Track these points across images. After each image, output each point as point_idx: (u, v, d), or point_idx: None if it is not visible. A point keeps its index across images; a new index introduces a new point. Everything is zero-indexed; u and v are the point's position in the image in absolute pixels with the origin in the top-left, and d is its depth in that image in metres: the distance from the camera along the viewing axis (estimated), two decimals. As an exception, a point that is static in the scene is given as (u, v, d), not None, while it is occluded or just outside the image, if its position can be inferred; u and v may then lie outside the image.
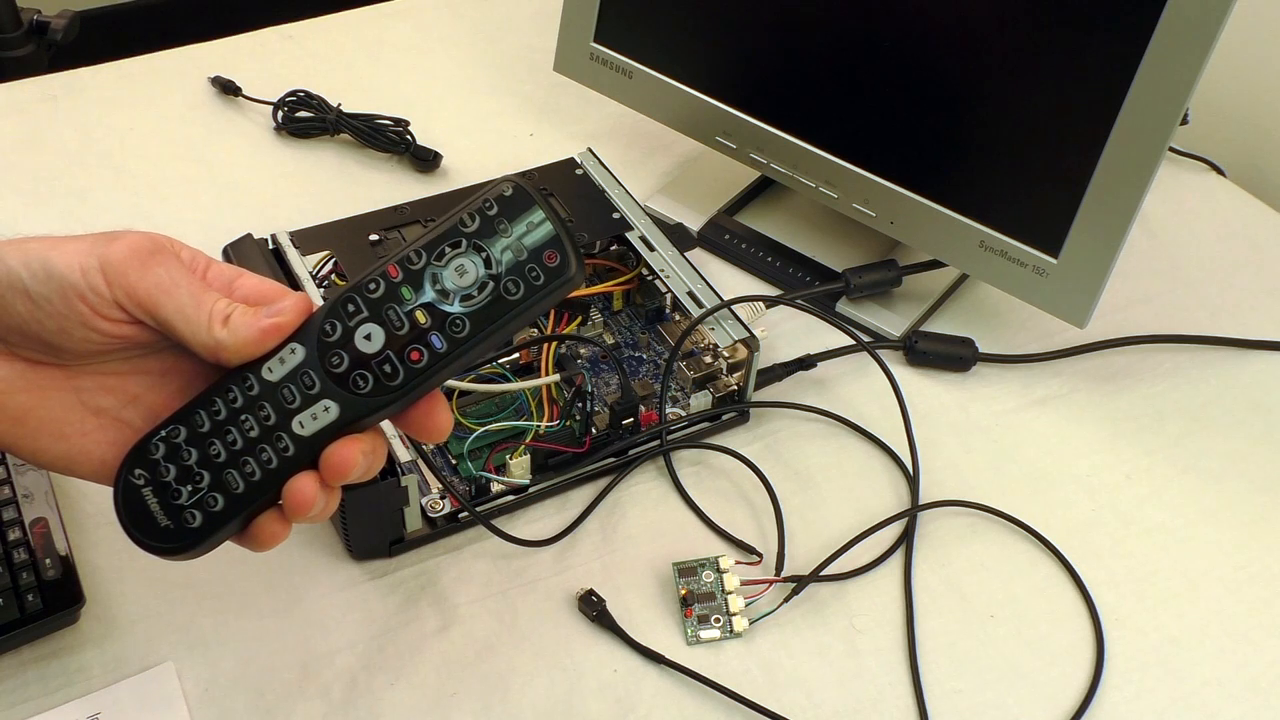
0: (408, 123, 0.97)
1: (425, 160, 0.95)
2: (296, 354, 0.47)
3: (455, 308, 0.46)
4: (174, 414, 0.48)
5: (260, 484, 0.47)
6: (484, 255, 0.46)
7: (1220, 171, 1.02)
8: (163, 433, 0.48)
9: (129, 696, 0.62)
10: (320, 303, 0.54)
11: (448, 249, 0.47)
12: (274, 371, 0.47)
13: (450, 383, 0.71)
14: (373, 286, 0.47)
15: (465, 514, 0.69)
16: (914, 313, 0.85)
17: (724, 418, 0.77)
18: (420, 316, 0.47)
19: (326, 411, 0.47)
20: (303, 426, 0.47)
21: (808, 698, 0.64)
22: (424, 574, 0.68)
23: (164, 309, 0.46)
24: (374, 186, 0.94)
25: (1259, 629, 0.69)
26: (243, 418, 0.47)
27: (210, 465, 0.48)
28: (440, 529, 0.69)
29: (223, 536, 0.48)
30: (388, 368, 0.47)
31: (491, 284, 0.46)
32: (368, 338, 0.47)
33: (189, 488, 0.48)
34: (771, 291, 0.87)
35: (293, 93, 0.99)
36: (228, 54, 1.06)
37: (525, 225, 0.46)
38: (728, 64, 0.87)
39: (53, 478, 0.69)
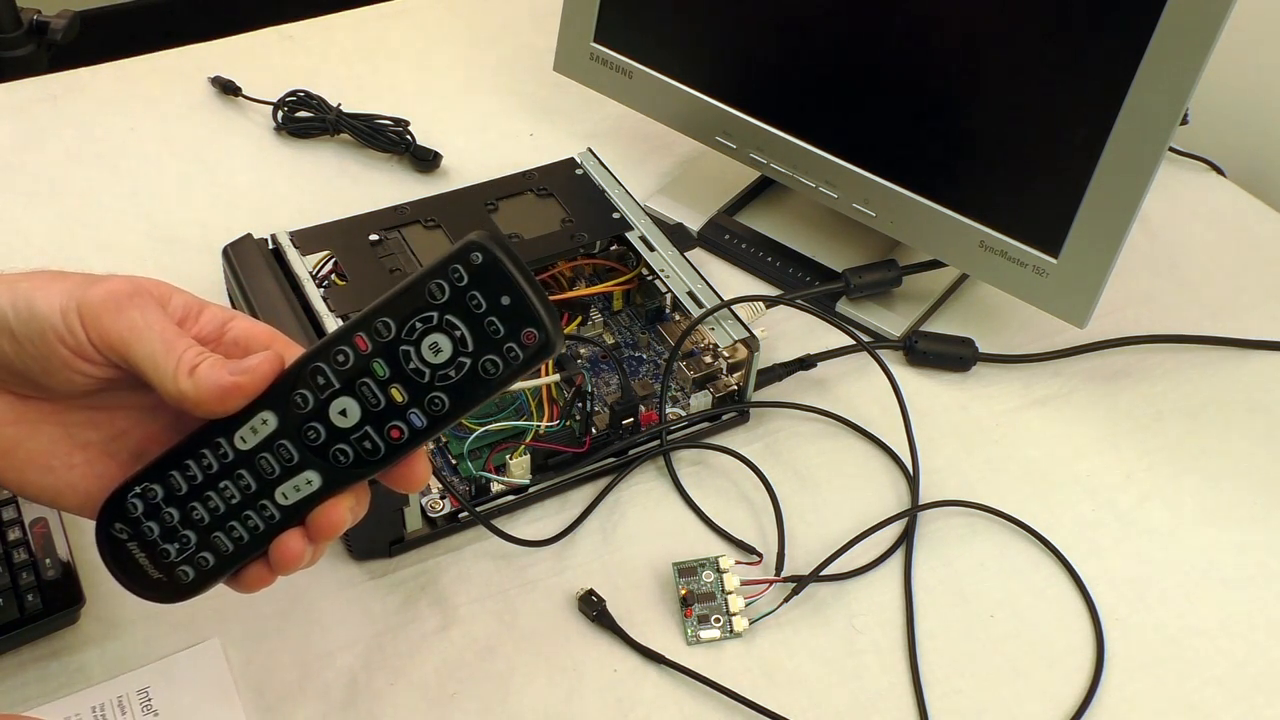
0: (408, 123, 0.97)
1: (425, 160, 0.95)
2: (269, 424, 0.46)
3: (431, 386, 0.45)
4: (145, 470, 0.48)
5: (249, 544, 0.47)
6: (457, 334, 0.44)
7: (1220, 171, 1.02)
8: (137, 489, 0.48)
9: (177, 670, 0.63)
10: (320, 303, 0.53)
11: (419, 324, 0.44)
12: (247, 441, 0.47)
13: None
14: (341, 358, 0.45)
15: (465, 514, 0.69)
16: (914, 313, 0.85)
17: (724, 418, 0.77)
18: (396, 394, 0.45)
19: (309, 484, 0.47)
20: (286, 497, 0.47)
21: (808, 698, 0.64)
22: (424, 574, 0.68)
23: (134, 354, 0.46)
24: (374, 186, 0.94)
25: (1259, 629, 0.69)
26: (222, 484, 0.47)
27: (195, 527, 0.47)
28: (440, 529, 0.69)
29: (215, 584, 0.49)
30: (368, 444, 0.46)
31: (468, 362, 0.44)
32: (343, 412, 0.46)
33: (176, 546, 0.48)
34: (771, 291, 0.87)
35: (293, 93, 0.99)
36: (228, 54, 1.06)
37: (499, 300, 0.43)
38: (728, 64, 0.87)
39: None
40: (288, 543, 0.47)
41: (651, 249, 0.80)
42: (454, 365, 0.44)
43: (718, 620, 0.67)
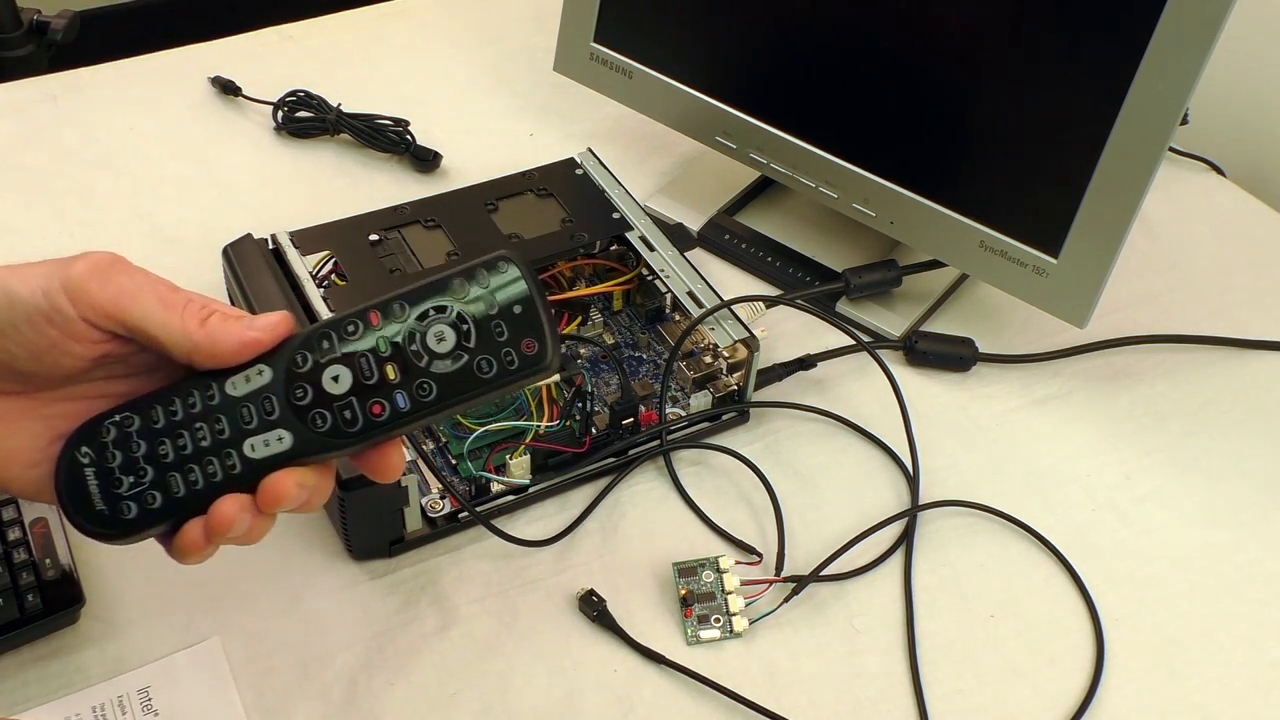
0: (408, 123, 0.97)
1: (425, 160, 0.95)
2: (263, 375, 0.47)
3: (425, 372, 0.46)
4: (131, 401, 0.48)
5: (201, 493, 0.47)
6: (464, 328, 0.46)
7: (1220, 171, 1.02)
8: (116, 417, 0.48)
9: (177, 670, 0.63)
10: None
11: (432, 311, 0.46)
12: (238, 388, 0.47)
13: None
14: (351, 328, 0.47)
15: (465, 514, 0.69)
16: (914, 313, 0.85)
17: (724, 418, 0.77)
18: (390, 372, 0.46)
19: (280, 441, 0.47)
20: (254, 450, 0.47)
21: (808, 698, 0.64)
22: (424, 574, 0.69)
23: (131, 314, 0.46)
24: (374, 186, 0.94)
25: (1259, 629, 0.69)
26: (198, 425, 0.47)
27: (156, 463, 0.48)
28: (440, 529, 0.69)
29: (151, 533, 0.48)
30: (348, 413, 0.47)
31: (466, 357, 0.46)
32: (335, 379, 0.47)
33: (131, 479, 0.48)
34: (771, 291, 0.87)
35: (293, 93, 0.99)
36: (228, 54, 1.06)
37: (512, 307, 0.46)
38: (728, 64, 0.87)
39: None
40: (223, 506, 0.46)
41: (651, 249, 0.80)
42: (452, 356, 0.46)
43: (718, 620, 0.67)
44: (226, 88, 1.01)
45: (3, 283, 0.46)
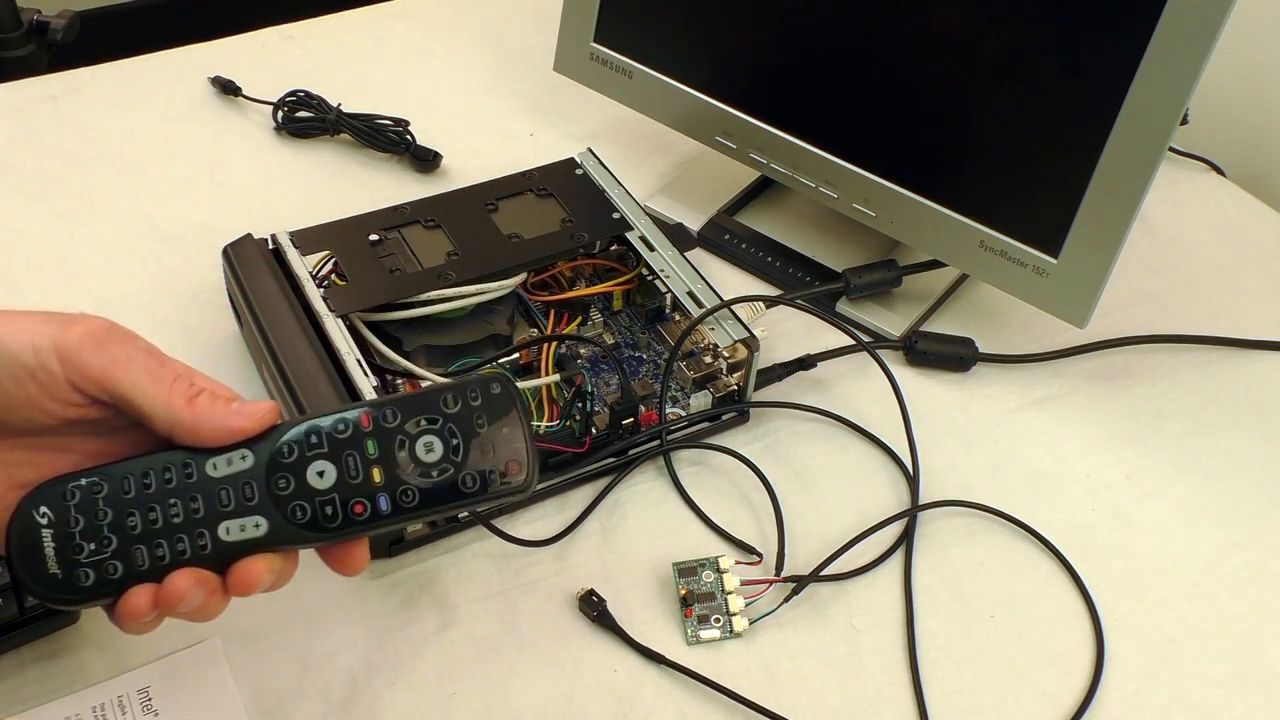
0: (408, 123, 0.97)
1: (425, 160, 0.95)
2: (246, 460, 0.48)
3: (410, 479, 0.48)
4: (99, 467, 0.48)
5: (164, 568, 0.47)
6: (454, 443, 0.48)
7: (1220, 171, 1.02)
8: (83, 481, 0.47)
9: (178, 670, 0.63)
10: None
11: (424, 421, 0.48)
12: (218, 469, 0.48)
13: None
14: (341, 428, 0.48)
15: (465, 514, 0.69)
16: (914, 313, 0.85)
17: (724, 418, 0.77)
18: (376, 475, 0.48)
19: (257, 528, 0.47)
20: (228, 533, 0.47)
21: (808, 698, 0.64)
22: (424, 574, 0.68)
23: (120, 384, 0.46)
24: (374, 186, 0.94)
25: (1259, 629, 0.69)
26: (171, 501, 0.47)
27: (121, 533, 0.47)
28: (440, 529, 0.69)
29: (101, 603, 0.48)
30: (329, 509, 0.48)
31: (451, 471, 0.48)
32: (320, 474, 0.48)
33: (92, 545, 0.47)
34: (771, 291, 0.87)
35: (293, 93, 0.99)
36: (228, 54, 1.06)
37: (501, 428, 0.48)
38: (728, 64, 0.87)
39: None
40: (178, 580, 0.46)
41: (651, 249, 0.80)
42: (438, 469, 0.48)
43: (718, 620, 0.67)
44: (226, 88, 1.01)
45: None
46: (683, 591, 0.67)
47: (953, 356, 0.82)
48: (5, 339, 0.45)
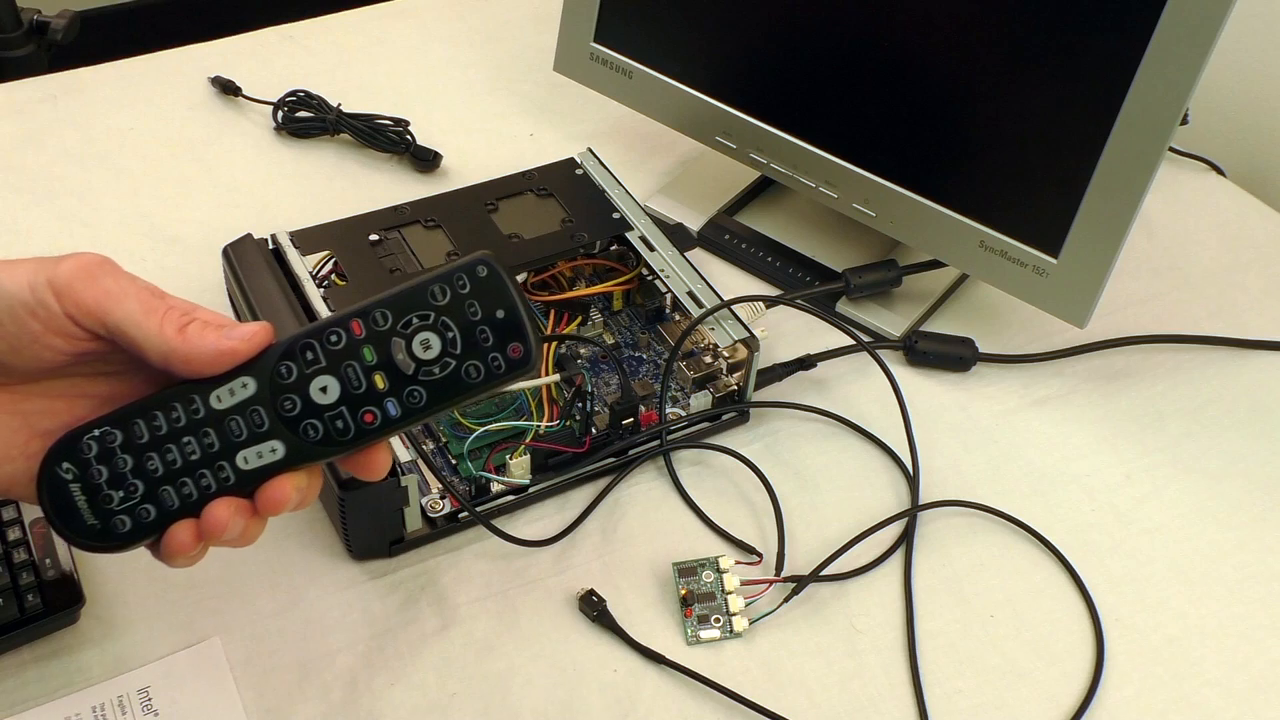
0: (408, 123, 0.97)
1: (425, 160, 0.95)
2: (248, 388, 0.47)
3: (414, 379, 0.47)
4: (108, 415, 0.48)
5: (196, 504, 0.48)
6: (449, 335, 0.47)
7: (1220, 171, 1.02)
8: (96, 433, 0.48)
9: (177, 670, 0.63)
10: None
11: (415, 319, 0.47)
12: (222, 401, 0.47)
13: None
14: (334, 338, 0.47)
15: (465, 514, 0.69)
16: (914, 313, 0.85)
17: (724, 418, 0.77)
18: (378, 381, 0.47)
19: (274, 452, 0.47)
20: (247, 462, 0.47)
21: (808, 698, 0.64)
22: (424, 574, 0.69)
23: (113, 315, 0.46)
24: (374, 186, 0.94)
25: (1259, 629, 0.69)
26: (185, 439, 0.47)
27: (146, 477, 0.47)
28: (440, 529, 0.69)
29: (145, 542, 0.49)
30: (340, 423, 0.47)
31: (453, 364, 0.47)
32: (323, 389, 0.47)
33: (120, 494, 0.48)
34: (771, 291, 0.87)
35: (293, 93, 0.99)
36: (228, 54, 1.06)
37: (494, 312, 0.47)
38: (728, 64, 0.87)
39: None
40: (218, 509, 0.47)
41: (651, 249, 0.80)
42: (439, 363, 0.47)
43: (718, 620, 0.67)
44: (226, 88, 1.01)
45: None
46: (683, 591, 0.67)
47: (953, 356, 0.82)
48: (2, 280, 0.46)
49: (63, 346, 0.47)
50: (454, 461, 0.72)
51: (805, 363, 0.80)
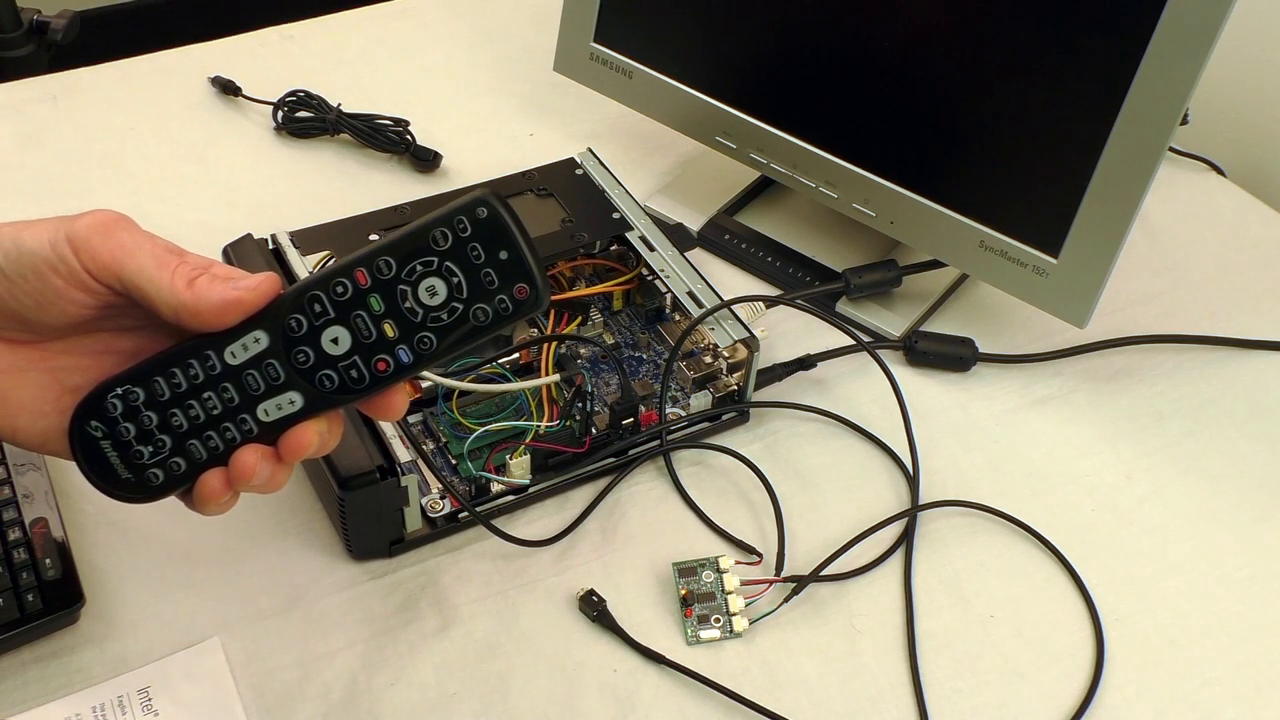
0: (408, 123, 0.97)
1: (425, 160, 0.95)
2: (260, 342, 0.48)
3: (423, 326, 0.47)
4: (127, 372, 0.49)
5: (223, 454, 0.49)
6: (455, 280, 0.47)
7: (1220, 171, 1.02)
8: (119, 390, 0.49)
9: (177, 671, 0.63)
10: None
11: (419, 266, 0.47)
12: (237, 356, 0.48)
13: (450, 383, 0.71)
14: (340, 289, 0.47)
15: (465, 514, 0.69)
16: (914, 313, 0.85)
17: (724, 418, 0.77)
18: (388, 329, 0.47)
19: (292, 404, 0.49)
20: (267, 414, 0.49)
21: (808, 698, 0.64)
22: (424, 574, 0.68)
23: (126, 269, 0.47)
24: (374, 186, 0.94)
25: (1259, 629, 0.69)
26: (205, 395, 0.49)
27: (172, 432, 0.49)
28: (440, 529, 0.69)
29: (179, 490, 0.50)
30: (354, 373, 0.48)
31: (461, 308, 0.47)
32: (334, 340, 0.48)
33: (149, 449, 0.49)
34: (771, 291, 0.87)
35: (293, 93, 0.99)
36: (228, 54, 1.06)
37: (498, 253, 0.46)
38: (728, 64, 0.87)
39: (52, 477, 0.69)
40: (245, 455, 0.49)
41: (651, 249, 0.80)
42: (447, 309, 0.47)
43: (718, 620, 0.67)
44: (226, 88, 1.01)
45: (13, 234, 0.48)
46: (683, 591, 0.67)
47: (953, 356, 0.82)
48: (24, 239, 0.47)
49: (85, 300, 0.48)
50: (454, 461, 0.72)
51: (805, 363, 0.80)
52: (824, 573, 0.69)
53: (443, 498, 0.68)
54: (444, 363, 0.47)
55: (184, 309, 0.47)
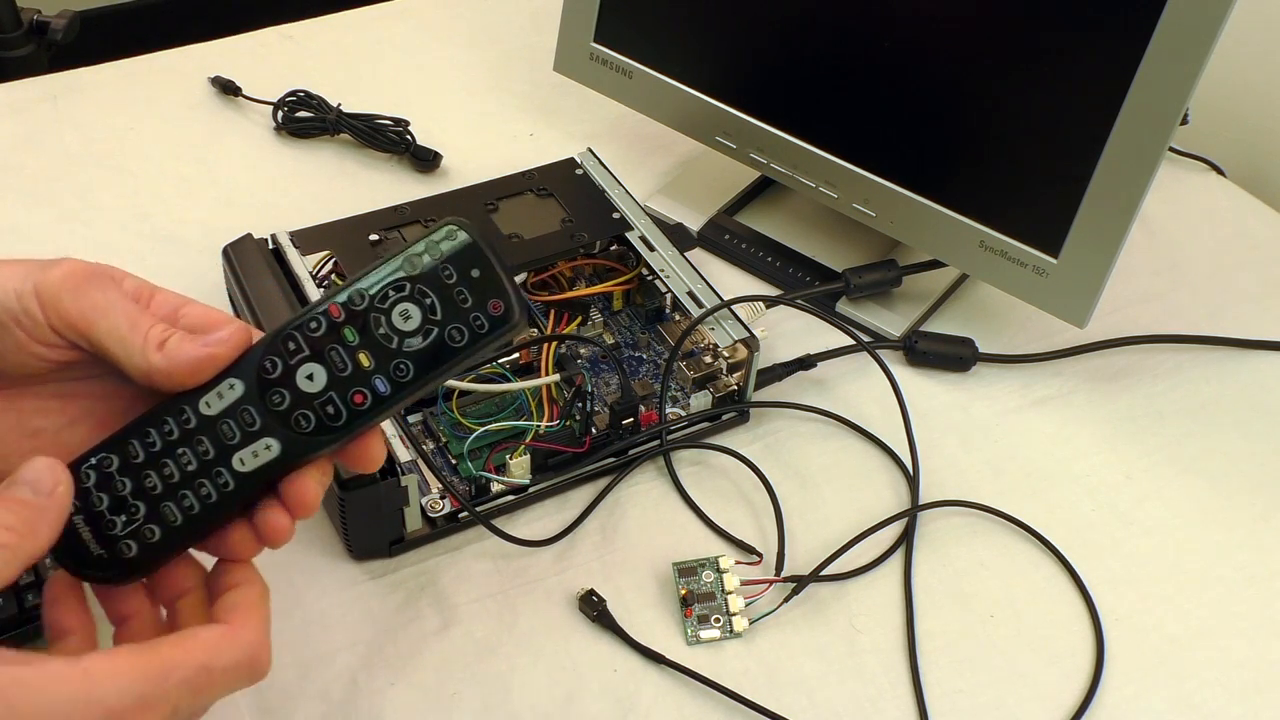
0: (408, 123, 0.97)
1: (425, 160, 0.95)
2: (235, 389, 0.47)
3: (399, 353, 0.47)
4: (105, 441, 0.48)
5: (198, 518, 0.47)
6: (428, 302, 0.46)
7: (1220, 171, 1.02)
8: (93, 460, 0.47)
9: None
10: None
11: (391, 293, 0.47)
12: (212, 406, 0.47)
13: (450, 383, 0.71)
14: (314, 325, 0.47)
15: (465, 514, 0.69)
16: (914, 313, 0.85)
17: (724, 418, 0.77)
18: (364, 359, 0.47)
19: (268, 450, 0.47)
20: (243, 463, 0.47)
21: (808, 698, 0.64)
22: (424, 574, 0.68)
23: (97, 331, 0.45)
24: (374, 186, 0.94)
25: (1259, 629, 0.69)
26: (179, 451, 0.47)
27: (146, 497, 0.47)
28: (440, 529, 0.69)
29: (158, 567, 0.48)
30: (330, 409, 0.47)
31: (435, 330, 0.46)
32: (309, 377, 0.47)
33: (123, 518, 0.47)
34: (771, 291, 0.87)
35: (293, 93, 0.99)
36: (228, 54, 1.06)
37: (470, 271, 0.46)
38: (728, 64, 0.87)
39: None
40: (274, 519, 0.47)
41: (651, 249, 0.80)
42: (422, 333, 0.47)
43: (718, 620, 0.67)
44: (226, 88, 1.01)
45: None
46: (683, 591, 0.67)
47: (953, 356, 0.82)
48: None
49: (47, 354, 0.46)
50: (454, 461, 0.72)
51: (805, 363, 0.80)
52: (824, 573, 0.69)
53: (443, 497, 0.68)
54: (424, 392, 0.47)
55: (156, 373, 0.46)
